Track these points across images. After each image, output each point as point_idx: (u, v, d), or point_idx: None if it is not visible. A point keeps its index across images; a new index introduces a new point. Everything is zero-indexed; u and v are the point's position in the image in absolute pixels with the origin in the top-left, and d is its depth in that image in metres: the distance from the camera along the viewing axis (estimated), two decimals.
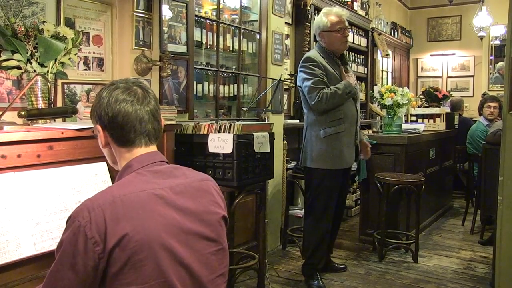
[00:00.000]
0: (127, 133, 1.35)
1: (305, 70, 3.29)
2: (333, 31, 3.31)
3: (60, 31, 2.31)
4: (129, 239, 1.17)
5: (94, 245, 1.16)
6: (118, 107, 1.33)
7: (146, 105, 1.37)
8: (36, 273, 1.71)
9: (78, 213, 1.19)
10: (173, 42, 3.37)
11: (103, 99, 1.35)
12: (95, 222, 1.17)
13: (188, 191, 1.34)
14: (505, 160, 2.59)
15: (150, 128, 1.38)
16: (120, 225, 1.18)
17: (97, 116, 1.38)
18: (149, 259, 1.19)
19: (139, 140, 1.37)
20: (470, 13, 8.71)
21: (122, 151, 1.38)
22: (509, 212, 2.53)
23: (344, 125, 3.30)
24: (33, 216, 1.75)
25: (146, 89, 1.40)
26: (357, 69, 6.97)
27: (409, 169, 4.34)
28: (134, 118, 1.34)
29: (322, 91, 3.20)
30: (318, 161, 3.33)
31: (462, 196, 6.10)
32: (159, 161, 1.39)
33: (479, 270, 3.84)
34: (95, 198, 1.22)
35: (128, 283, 1.18)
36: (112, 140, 1.38)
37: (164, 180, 1.32)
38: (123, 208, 1.20)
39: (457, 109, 6.49)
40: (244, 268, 3.30)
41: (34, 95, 2.24)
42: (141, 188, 1.26)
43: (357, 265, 3.93)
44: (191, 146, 2.90)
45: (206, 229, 1.35)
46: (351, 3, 6.65)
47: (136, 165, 1.35)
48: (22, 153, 1.83)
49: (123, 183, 1.29)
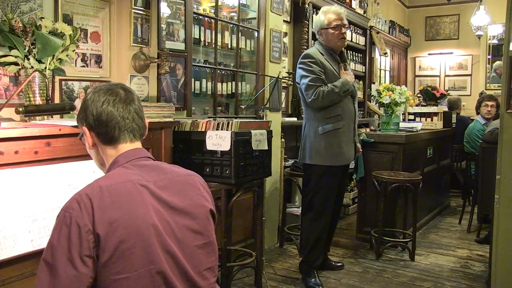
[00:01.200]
0: (111, 130, 1.40)
1: (303, 67, 3.31)
2: (330, 28, 3.34)
3: (58, 27, 2.31)
4: (117, 227, 1.20)
5: (87, 233, 1.18)
6: (102, 106, 1.39)
7: (128, 104, 1.42)
8: (34, 270, 1.70)
9: (68, 207, 1.23)
10: (171, 39, 3.37)
11: (88, 101, 1.42)
12: (85, 210, 1.20)
13: (173, 186, 1.38)
14: (502, 158, 2.60)
15: (134, 125, 1.43)
16: (107, 214, 1.21)
17: (83, 118, 1.43)
18: (137, 247, 1.22)
19: (123, 136, 1.41)
20: (468, 12, 8.71)
21: (108, 149, 1.42)
22: (506, 211, 2.54)
23: (343, 121, 3.32)
24: (30, 213, 1.75)
25: (129, 90, 1.46)
26: (355, 68, 6.97)
27: (407, 168, 4.35)
28: (117, 115, 1.39)
29: (319, 88, 3.22)
30: (317, 158, 3.35)
31: (459, 195, 6.12)
32: (144, 156, 1.43)
33: (476, 268, 3.85)
34: (82, 190, 1.26)
35: (118, 272, 1.20)
36: (98, 139, 1.42)
37: (149, 173, 1.36)
38: (110, 197, 1.24)
39: (454, 108, 6.51)
40: (241, 265, 3.31)
41: (31, 91, 2.23)
42: (127, 179, 1.30)
43: (354, 263, 3.94)
44: (189, 143, 2.89)
45: (192, 222, 1.37)
46: (349, 1, 6.66)
47: (122, 160, 1.40)
48: (20, 150, 1.83)
49: (109, 175, 1.34)
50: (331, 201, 3.42)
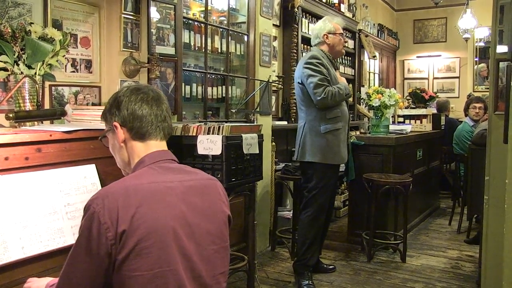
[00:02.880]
0: (145, 125, 1.43)
1: (310, 67, 3.37)
2: (337, 33, 3.51)
3: (48, 32, 2.29)
4: (138, 226, 1.23)
5: (106, 230, 1.21)
6: (137, 102, 1.44)
7: (161, 103, 1.48)
8: (25, 277, 1.69)
9: (93, 201, 1.26)
10: (162, 44, 3.37)
11: (121, 97, 1.45)
12: (108, 208, 1.23)
13: (197, 187, 1.41)
14: (491, 160, 2.62)
15: (165, 124, 1.48)
16: (130, 212, 1.24)
17: (114, 113, 1.45)
18: (155, 247, 1.24)
19: (155, 134, 1.45)
20: (455, 15, 8.81)
21: (137, 146, 1.45)
22: (495, 211, 2.56)
23: (341, 123, 3.45)
24: (21, 219, 1.73)
25: (158, 91, 1.51)
26: (345, 71, 7.01)
27: (397, 170, 4.37)
28: (151, 112, 1.44)
29: (328, 88, 3.33)
30: (319, 156, 3.41)
31: (449, 196, 6.17)
32: (170, 159, 1.46)
33: (466, 269, 3.88)
34: (109, 187, 1.30)
35: (134, 269, 1.23)
36: (129, 134, 1.44)
37: (175, 175, 1.39)
38: (135, 196, 1.27)
39: (443, 110, 6.56)
40: (233, 269, 3.30)
41: (21, 97, 2.22)
42: (153, 180, 1.33)
43: (346, 265, 3.95)
44: (180, 148, 2.89)
45: (212, 226, 1.39)
46: (338, 5, 6.70)
47: (148, 160, 1.42)
48: (10, 156, 1.81)
49: (136, 175, 1.37)
50: (328, 198, 3.52)
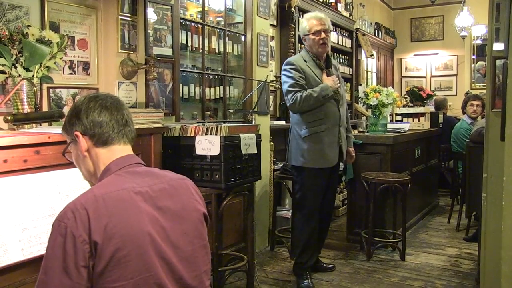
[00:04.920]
0: (107, 131, 1.42)
1: (284, 73, 3.43)
2: (311, 34, 3.42)
3: (45, 35, 2.30)
4: (113, 235, 1.20)
5: (82, 243, 1.17)
6: (96, 109, 1.41)
7: (120, 109, 1.46)
8: (24, 279, 1.70)
9: (62, 217, 1.22)
10: (159, 45, 3.37)
11: (79, 106, 1.43)
12: (80, 220, 1.19)
13: (167, 190, 1.39)
14: (489, 157, 2.63)
15: (127, 128, 1.46)
16: (102, 222, 1.20)
17: (74, 123, 1.43)
18: (133, 254, 1.22)
19: (118, 138, 1.43)
20: (452, 13, 8.81)
21: (101, 153, 1.42)
22: (493, 209, 2.57)
23: (325, 125, 3.37)
24: (20, 222, 1.74)
25: (117, 97, 1.50)
26: (342, 70, 7.00)
27: (395, 168, 4.38)
28: (111, 117, 1.42)
29: (296, 94, 3.30)
30: (301, 160, 3.41)
31: (447, 194, 6.18)
32: (136, 163, 1.44)
33: (465, 266, 3.89)
34: (77, 199, 1.25)
35: (114, 280, 1.19)
36: (92, 142, 1.42)
37: (143, 179, 1.37)
38: (105, 205, 1.23)
39: (441, 108, 6.57)
40: (233, 269, 3.31)
41: (19, 99, 2.22)
42: (121, 187, 1.30)
43: (345, 264, 3.96)
44: (178, 148, 2.90)
45: (187, 226, 1.38)
46: (335, 4, 6.70)
47: (114, 167, 1.39)
48: (9, 158, 1.82)
49: (103, 184, 1.34)
50: (317, 202, 3.46)
